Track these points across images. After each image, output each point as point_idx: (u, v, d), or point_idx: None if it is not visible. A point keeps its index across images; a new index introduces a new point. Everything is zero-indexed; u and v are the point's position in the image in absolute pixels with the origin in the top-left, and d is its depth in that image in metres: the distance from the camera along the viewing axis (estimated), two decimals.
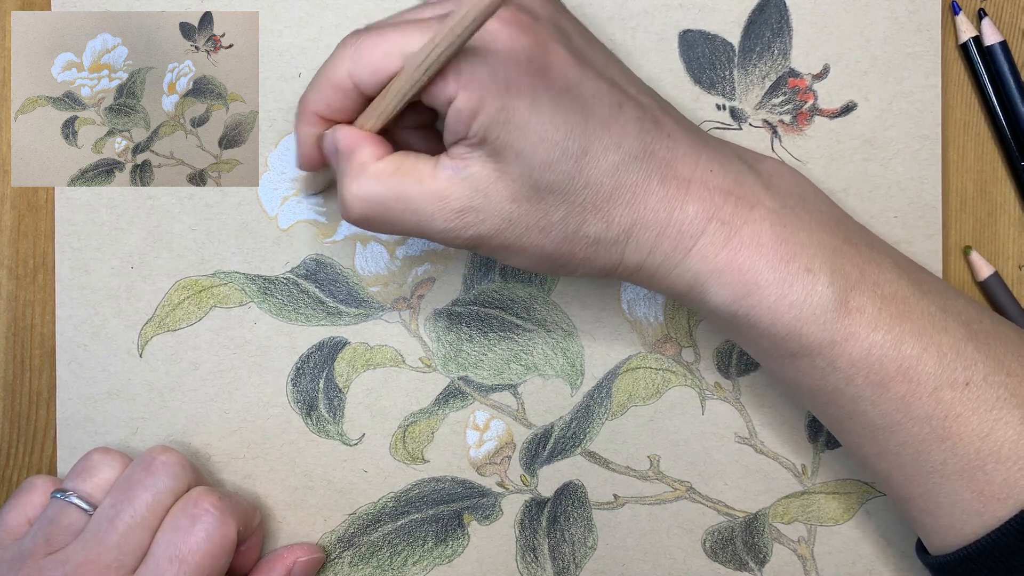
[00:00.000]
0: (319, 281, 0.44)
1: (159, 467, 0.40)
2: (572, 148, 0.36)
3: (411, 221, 0.37)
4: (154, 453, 0.40)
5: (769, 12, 0.44)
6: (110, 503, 0.39)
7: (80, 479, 0.40)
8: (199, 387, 0.44)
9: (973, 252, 0.45)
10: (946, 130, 0.45)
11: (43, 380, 0.44)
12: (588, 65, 0.37)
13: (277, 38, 0.44)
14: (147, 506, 0.39)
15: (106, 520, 0.38)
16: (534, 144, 0.36)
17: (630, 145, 0.37)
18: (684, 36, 0.44)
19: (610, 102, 0.37)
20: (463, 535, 0.44)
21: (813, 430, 0.44)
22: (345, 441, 0.44)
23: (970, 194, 0.45)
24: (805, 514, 0.44)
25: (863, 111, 0.44)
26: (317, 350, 0.44)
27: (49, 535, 0.39)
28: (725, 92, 0.44)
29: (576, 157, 0.36)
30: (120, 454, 0.41)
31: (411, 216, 0.37)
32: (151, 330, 0.44)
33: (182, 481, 0.40)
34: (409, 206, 0.37)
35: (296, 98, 0.43)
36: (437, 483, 0.44)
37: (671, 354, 0.44)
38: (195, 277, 0.44)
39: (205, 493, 0.39)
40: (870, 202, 0.44)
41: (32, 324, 0.44)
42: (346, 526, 0.44)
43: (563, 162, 0.36)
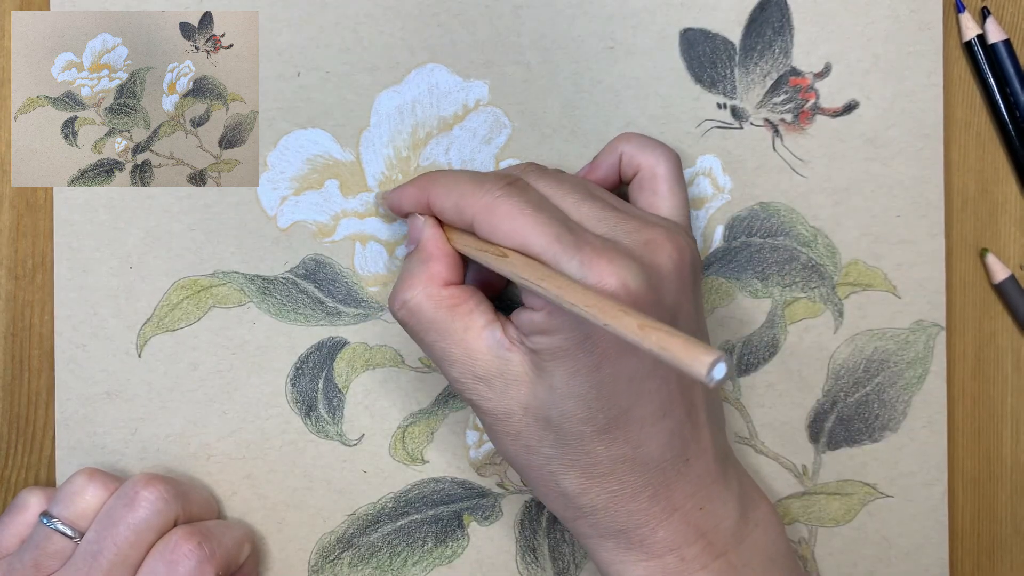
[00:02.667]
0: (318, 281, 0.44)
1: (141, 503, 0.39)
2: (598, 420, 0.36)
3: (435, 351, 0.38)
4: (137, 487, 0.39)
5: (770, 11, 0.44)
6: (93, 536, 0.39)
7: (64, 504, 0.40)
8: (198, 387, 0.44)
9: (990, 255, 0.44)
10: (947, 130, 0.44)
11: (42, 380, 0.44)
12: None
13: (277, 37, 0.44)
14: (129, 543, 0.39)
15: (90, 555, 0.38)
16: (569, 394, 0.35)
17: (647, 452, 0.36)
18: (685, 35, 0.44)
19: (659, 407, 0.36)
20: (463, 536, 0.44)
21: (814, 431, 0.44)
22: (344, 441, 0.44)
23: (971, 194, 0.45)
24: (806, 515, 0.44)
25: (865, 110, 0.44)
26: (316, 350, 0.44)
27: (37, 560, 0.39)
28: (726, 91, 0.44)
29: (596, 428, 0.36)
30: (105, 477, 0.41)
31: (438, 349, 0.38)
32: (150, 330, 0.44)
33: (165, 516, 0.39)
34: (442, 340, 0.37)
35: (296, 97, 0.43)
36: (437, 484, 0.44)
37: None
38: (194, 277, 0.44)
39: (184, 538, 0.39)
40: (872, 201, 0.44)
41: (31, 324, 0.44)
42: (345, 527, 0.44)
43: (582, 424, 0.36)
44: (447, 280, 0.38)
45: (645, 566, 0.37)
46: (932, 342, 0.44)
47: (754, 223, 0.44)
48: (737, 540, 0.38)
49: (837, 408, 0.44)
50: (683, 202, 0.40)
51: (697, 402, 0.38)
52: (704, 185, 0.44)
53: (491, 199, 0.36)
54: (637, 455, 0.36)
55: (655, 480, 0.37)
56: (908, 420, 0.44)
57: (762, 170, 0.44)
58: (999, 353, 0.45)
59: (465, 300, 0.38)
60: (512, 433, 0.37)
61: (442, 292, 0.38)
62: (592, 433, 0.36)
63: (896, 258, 0.44)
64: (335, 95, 0.44)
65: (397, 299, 0.38)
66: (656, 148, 0.40)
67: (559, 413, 0.36)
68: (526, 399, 0.36)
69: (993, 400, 0.45)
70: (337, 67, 0.44)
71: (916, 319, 0.44)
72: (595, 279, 0.34)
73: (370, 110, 0.44)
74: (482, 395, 0.37)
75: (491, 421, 0.38)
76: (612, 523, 0.37)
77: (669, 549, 0.37)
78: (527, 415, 0.37)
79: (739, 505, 0.38)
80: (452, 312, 0.37)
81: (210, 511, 0.43)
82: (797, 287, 0.44)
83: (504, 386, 0.37)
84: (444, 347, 0.37)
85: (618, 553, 0.37)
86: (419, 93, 0.44)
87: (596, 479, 0.36)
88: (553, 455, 0.37)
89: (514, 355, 0.37)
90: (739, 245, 0.44)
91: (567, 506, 0.38)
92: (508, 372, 0.37)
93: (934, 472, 0.44)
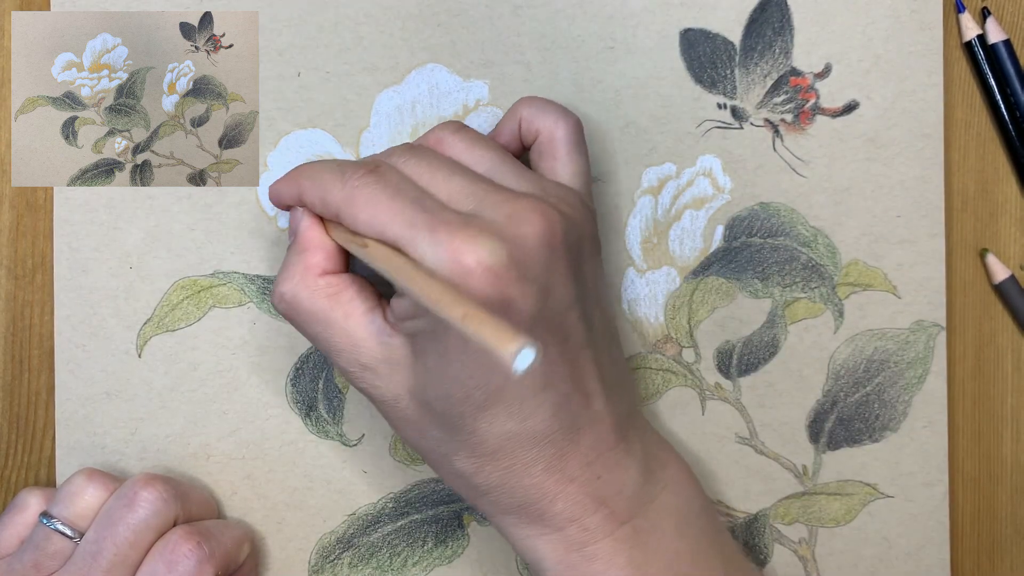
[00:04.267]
0: None
1: (140, 503, 0.39)
2: (476, 397, 0.35)
3: (320, 342, 0.38)
4: (136, 487, 0.39)
5: (771, 11, 0.44)
6: (93, 537, 0.39)
7: (64, 504, 0.40)
8: (198, 387, 0.44)
9: (990, 255, 0.44)
10: (948, 130, 0.44)
11: (41, 380, 0.44)
12: (548, 335, 0.35)
13: (277, 37, 0.44)
14: (128, 544, 0.38)
15: (89, 556, 0.38)
16: (444, 374, 0.35)
17: (534, 424, 0.36)
18: (685, 35, 0.44)
19: (538, 380, 0.35)
20: (463, 536, 0.44)
21: (814, 431, 0.44)
22: (345, 442, 0.44)
23: (971, 194, 0.45)
24: (806, 515, 0.44)
25: (865, 110, 0.44)
26: (316, 350, 0.44)
27: (36, 560, 0.39)
28: (726, 91, 0.44)
29: (477, 406, 0.35)
30: (104, 477, 0.41)
31: (323, 340, 0.38)
32: (150, 330, 0.44)
33: (164, 517, 0.39)
34: (325, 330, 0.37)
35: (296, 97, 0.43)
36: (437, 484, 0.44)
37: (671, 354, 0.44)
38: (194, 277, 0.44)
39: (184, 537, 0.39)
40: (873, 201, 0.44)
41: (31, 324, 0.44)
42: (345, 527, 0.44)
43: (462, 404, 0.35)
44: (324, 269, 0.38)
45: (549, 539, 0.37)
46: (932, 342, 0.44)
47: (754, 223, 0.44)
48: (642, 504, 0.37)
49: (837, 408, 0.44)
50: (582, 168, 0.39)
51: (586, 370, 0.37)
52: (704, 185, 0.44)
53: (350, 190, 0.36)
54: (523, 429, 0.36)
55: (546, 453, 0.36)
56: (908, 420, 0.44)
57: (762, 170, 0.44)
58: (999, 353, 0.45)
59: (344, 288, 0.37)
60: (403, 418, 0.37)
61: (319, 282, 0.37)
62: (472, 412, 0.35)
63: (896, 258, 0.44)
64: (335, 95, 0.44)
65: (275, 293, 0.38)
66: (555, 111, 0.39)
67: (436, 395, 0.36)
68: (409, 383, 0.36)
69: (993, 400, 0.45)
70: (337, 67, 0.44)
71: (916, 319, 0.44)
72: (449, 258, 0.33)
73: (370, 110, 0.44)
74: (370, 383, 0.37)
75: (383, 408, 0.38)
76: (510, 500, 0.37)
77: (569, 520, 0.36)
78: (412, 399, 0.37)
79: (643, 469, 0.38)
80: (331, 301, 0.37)
81: (210, 511, 0.43)
82: (797, 287, 0.44)
83: (390, 372, 0.37)
84: (327, 337, 0.37)
85: (522, 528, 0.37)
86: (419, 93, 0.44)
87: (486, 457, 0.36)
88: (442, 437, 0.37)
89: (395, 340, 0.37)
90: (739, 245, 0.44)
91: (465, 485, 0.37)
92: (391, 357, 0.37)
93: (934, 472, 0.44)
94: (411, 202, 0.35)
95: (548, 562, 0.37)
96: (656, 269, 0.44)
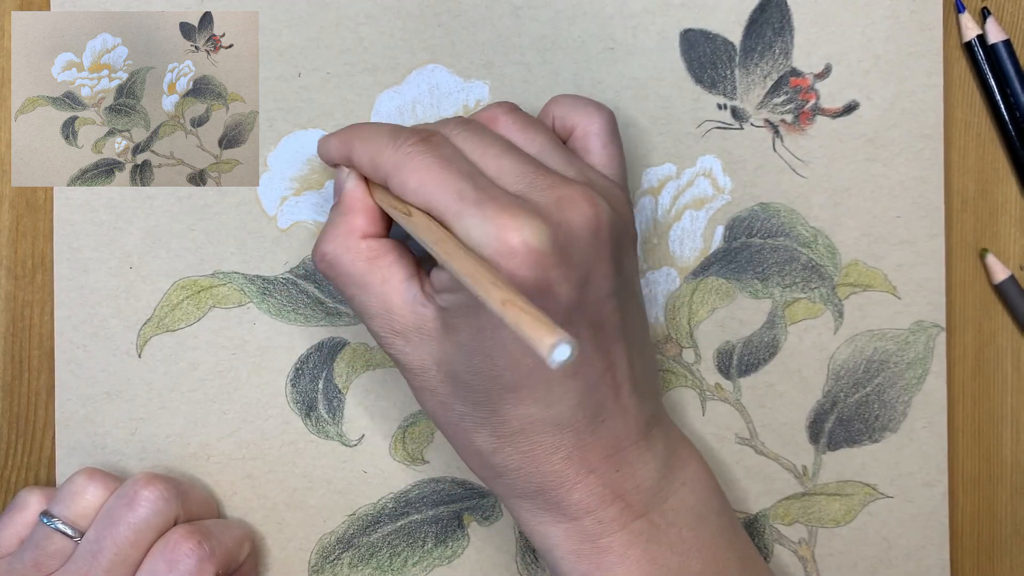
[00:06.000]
0: (318, 281, 0.44)
1: (141, 502, 0.39)
2: (505, 378, 0.35)
3: (355, 304, 0.38)
4: (137, 486, 0.39)
5: (771, 11, 0.44)
6: (93, 536, 0.39)
7: (64, 504, 0.40)
8: (198, 388, 0.44)
9: (990, 255, 0.44)
10: (947, 130, 0.44)
11: (42, 380, 0.44)
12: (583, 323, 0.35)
13: (277, 38, 0.44)
14: (129, 543, 0.38)
15: (90, 555, 0.38)
16: (476, 350, 0.35)
17: (559, 411, 0.36)
18: (685, 35, 0.44)
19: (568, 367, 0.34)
20: (463, 536, 0.44)
21: (814, 431, 0.44)
22: (345, 442, 0.44)
23: (971, 194, 0.45)
24: (806, 515, 0.44)
25: (865, 110, 0.44)
26: (316, 350, 0.44)
27: (37, 559, 0.39)
28: (726, 92, 0.44)
29: (504, 386, 0.35)
30: (105, 476, 0.41)
31: (358, 302, 0.38)
32: (150, 330, 0.44)
33: (165, 516, 0.39)
34: (361, 293, 0.37)
35: (296, 98, 0.43)
36: (437, 484, 0.44)
37: (672, 355, 0.44)
38: (194, 277, 0.44)
39: (185, 536, 0.39)
40: (873, 202, 0.44)
41: (31, 324, 0.44)
42: (345, 527, 0.44)
43: (490, 381, 0.35)
44: (366, 232, 0.38)
45: (564, 527, 0.37)
46: (932, 343, 0.44)
47: (754, 223, 0.44)
48: (659, 500, 0.37)
49: (837, 408, 0.44)
50: (617, 159, 0.39)
51: (617, 361, 0.37)
52: (704, 185, 0.44)
53: (402, 155, 0.36)
54: (547, 415, 0.36)
55: (568, 441, 0.36)
56: (908, 420, 0.44)
57: (762, 171, 0.44)
58: (999, 353, 0.45)
59: (384, 253, 0.37)
60: (428, 388, 0.37)
61: (360, 245, 0.37)
62: (499, 391, 0.35)
63: (896, 259, 0.44)
64: (335, 95, 0.44)
65: (317, 252, 0.38)
66: (588, 106, 0.40)
67: (466, 369, 0.36)
68: (439, 354, 0.36)
69: (993, 400, 0.45)
70: (338, 67, 0.44)
71: (916, 319, 0.44)
72: (495, 235, 0.33)
73: (371, 110, 0.44)
74: (400, 349, 0.37)
75: (409, 376, 0.38)
76: (527, 484, 0.37)
77: (586, 511, 0.36)
78: (440, 371, 0.37)
79: (662, 466, 0.38)
80: (370, 265, 0.37)
81: (210, 511, 0.43)
82: (797, 288, 0.44)
83: (420, 341, 0.37)
84: (363, 300, 0.37)
85: (536, 514, 0.37)
86: (419, 93, 0.44)
87: (507, 438, 0.36)
88: (465, 412, 0.37)
89: (428, 310, 0.36)
90: (739, 246, 0.44)
91: (483, 464, 0.37)
92: (424, 327, 0.36)
93: (934, 473, 0.44)
94: (462, 175, 0.35)
95: (560, 550, 0.37)
96: (656, 269, 0.44)
